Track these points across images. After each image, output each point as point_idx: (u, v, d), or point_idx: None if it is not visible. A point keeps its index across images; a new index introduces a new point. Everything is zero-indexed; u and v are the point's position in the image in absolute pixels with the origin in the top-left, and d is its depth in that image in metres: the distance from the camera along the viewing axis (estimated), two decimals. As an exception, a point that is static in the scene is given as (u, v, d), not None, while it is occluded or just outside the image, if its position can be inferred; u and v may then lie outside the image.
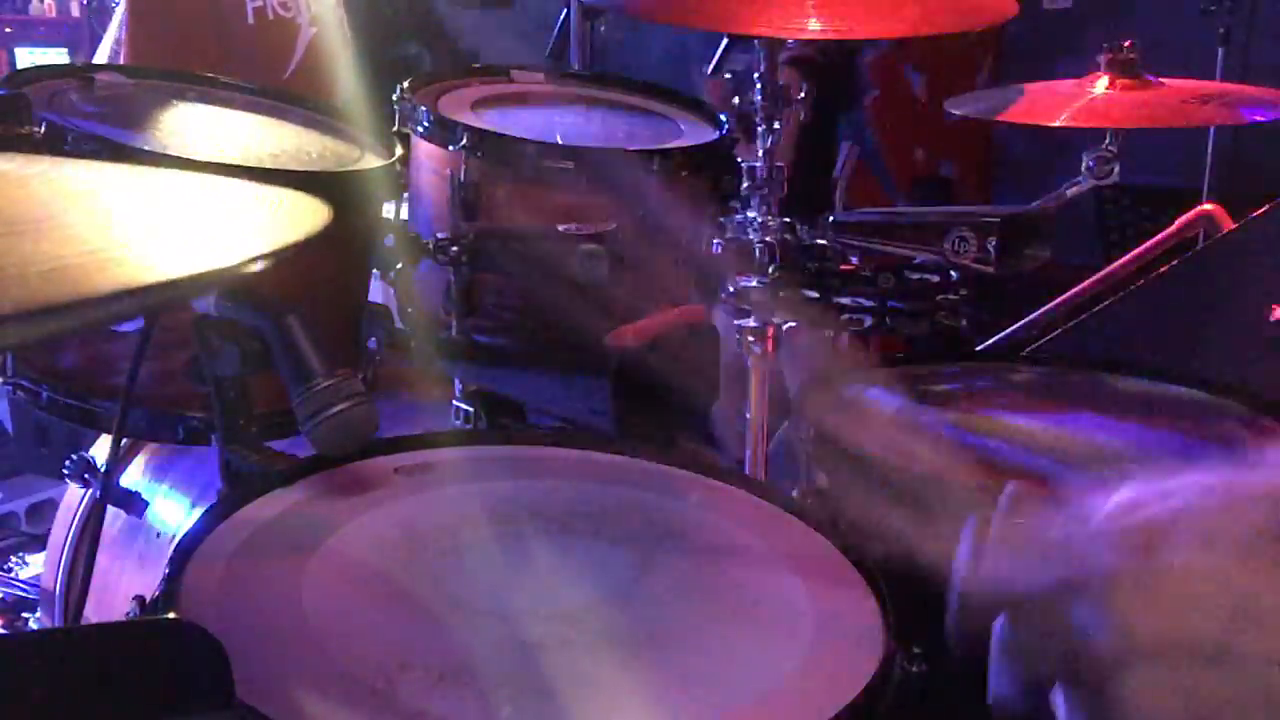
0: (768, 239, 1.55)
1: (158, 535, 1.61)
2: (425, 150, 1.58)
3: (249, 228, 0.67)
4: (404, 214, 1.64)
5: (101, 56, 2.55)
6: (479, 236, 1.50)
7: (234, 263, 0.53)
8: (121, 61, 2.33)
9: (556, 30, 2.80)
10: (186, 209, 0.72)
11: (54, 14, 4.86)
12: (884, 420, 1.53)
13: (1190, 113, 1.76)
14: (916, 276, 1.49)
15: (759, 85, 1.56)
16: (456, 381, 1.71)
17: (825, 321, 1.54)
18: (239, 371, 1.16)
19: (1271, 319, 1.75)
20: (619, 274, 1.42)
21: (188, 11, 2.37)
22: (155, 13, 2.35)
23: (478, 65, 1.84)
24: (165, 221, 0.66)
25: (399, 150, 1.52)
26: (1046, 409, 1.47)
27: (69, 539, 1.77)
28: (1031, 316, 2.10)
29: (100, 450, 1.77)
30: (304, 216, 0.67)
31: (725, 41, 1.89)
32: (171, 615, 0.86)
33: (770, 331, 1.57)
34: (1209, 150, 3.33)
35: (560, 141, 1.57)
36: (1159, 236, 2.13)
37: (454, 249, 1.48)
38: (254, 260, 0.54)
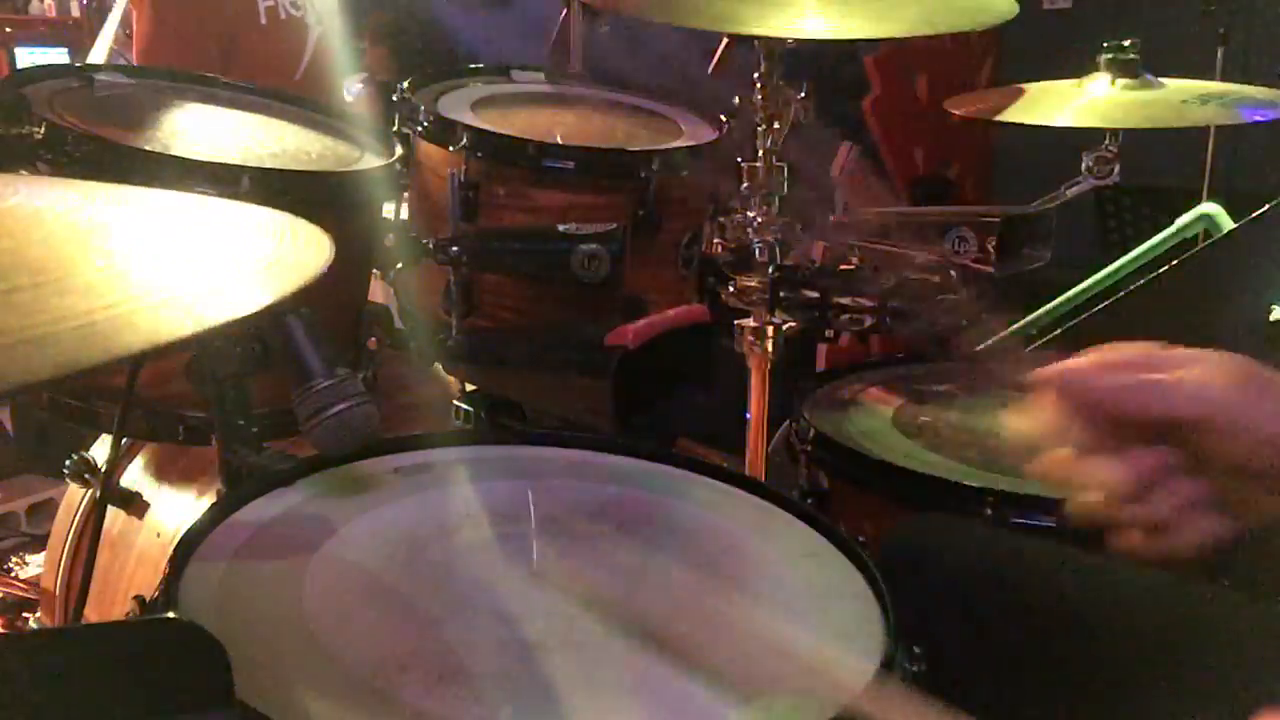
0: (768, 239, 1.55)
1: (158, 535, 1.61)
2: (425, 150, 1.58)
3: (260, 264, 0.67)
4: (404, 214, 1.64)
5: (97, 57, 2.55)
6: (479, 236, 1.49)
7: (251, 310, 0.54)
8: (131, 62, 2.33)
9: (556, 30, 2.80)
10: (197, 245, 0.72)
11: (54, 14, 4.86)
12: (884, 420, 1.53)
13: (1190, 113, 1.76)
14: (916, 276, 1.50)
15: (759, 85, 1.56)
16: (456, 381, 1.71)
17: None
18: (239, 371, 1.15)
19: (1271, 319, 1.75)
20: (619, 274, 1.42)
21: (202, 14, 2.37)
22: (170, 16, 2.35)
23: (478, 65, 1.84)
24: (180, 262, 0.66)
25: (399, 150, 1.52)
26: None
27: (69, 539, 1.77)
28: (1031, 316, 2.10)
29: (100, 450, 1.77)
30: (308, 246, 0.68)
31: (725, 41, 1.89)
32: (171, 615, 0.86)
33: (770, 331, 1.57)
34: (1209, 150, 3.33)
35: (560, 141, 1.57)
36: (1159, 236, 2.13)
37: (454, 249, 1.48)
38: (269, 307, 0.55)
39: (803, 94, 1.57)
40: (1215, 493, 0.76)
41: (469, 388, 1.70)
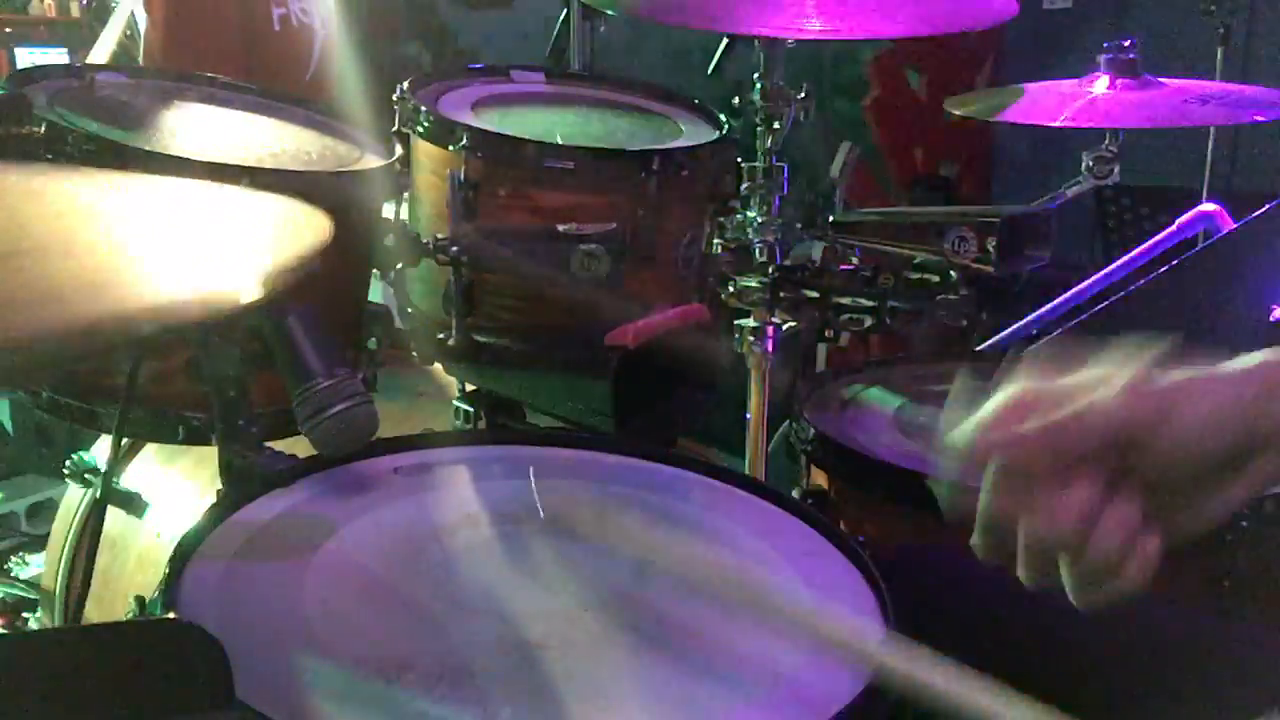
0: (768, 239, 1.55)
1: (158, 535, 1.61)
2: (425, 150, 1.58)
3: (258, 242, 0.68)
4: (404, 214, 1.64)
5: (99, 57, 2.55)
6: (479, 236, 1.49)
7: (250, 284, 0.54)
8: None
9: (556, 30, 2.80)
10: (194, 223, 0.72)
11: (54, 14, 4.86)
12: (884, 420, 1.53)
13: (1190, 113, 1.76)
14: (916, 276, 1.49)
15: (759, 85, 1.56)
16: (456, 381, 1.71)
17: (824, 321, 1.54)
18: (239, 371, 1.15)
19: (1271, 319, 1.75)
20: (619, 274, 1.42)
21: (217, 20, 2.38)
22: (186, 22, 2.36)
23: (478, 65, 1.84)
24: (176, 237, 0.66)
25: (399, 150, 1.52)
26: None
27: (69, 539, 1.77)
28: (1031, 317, 2.10)
29: (100, 450, 1.77)
30: (308, 227, 0.68)
31: (725, 41, 1.89)
32: (171, 615, 0.86)
33: (770, 331, 1.57)
34: (1209, 150, 3.33)
35: (560, 141, 1.57)
36: (1159, 236, 2.13)
37: (454, 249, 1.48)
38: (269, 280, 0.55)
39: (803, 94, 1.57)
40: (1146, 511, 0.73)
41: (469, 388, 1.70)
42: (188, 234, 0.68)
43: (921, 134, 4.14)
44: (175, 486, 1.67)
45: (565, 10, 2.75)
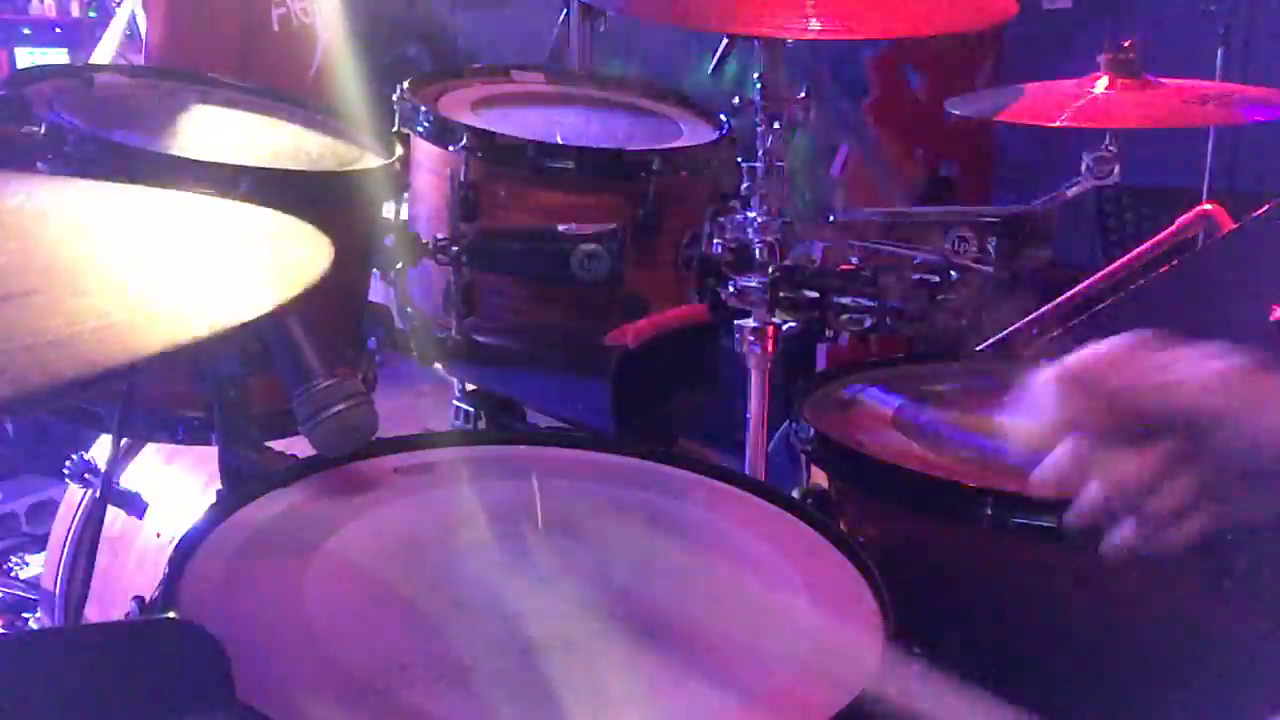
0: (768, 239, 1.55)
1: (158, 535, 1.61)
2: (425, 150, 1.58)
3: (265, 265, 0.68)
4: (404, 214, 1.64)
5: (101, 57, 2.55)
6: (479, 236, 1.49)
7: (261, 313, 0.54)
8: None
9: (556, 30, 2.80)
10: (202, 245, 0.72)
11: (54, 14, 4.86)
12: (884, 420, 1.53)
13: (1190, 113, 1.76)
14: (916, 276, 1.49)
15: (759, 85, 1.56)
16: (456, 381, 1.71)
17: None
18: (239, 371, 1.15)
19: (1271, 319, 1.75)
20: (619, 274, 1.42)
21: (216, 21, 2.38)
22: (185, 22, 2.36)
23: (478, 65, 1.84)
24: (186, 264, 0.66)
25: (399, 150, 1.52)
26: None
27: (69, 539, 1.77)
28: (1031, 316, 2.10)
29: (100, 450, 1.77)
30: (308, 246, 0.68)
31: (725, 41, 1.89)
32: (171, 615, 0.86)
33: (770, 331, 1.57)
34: (1209, 150, 3.33)
35: (560, 141, 1.57)
36: (1159, 236, 2.13)
37: (454, 249, 1.48)
38: (279, 309, 0.55)
39: (803, 94, 1.58)
40: (1207, 488, 0.79)
41: (469, 388, 1.70)
42: (203, 253, 0.68)
43: (921, 134, 4.13)
44: (175, 486, 1.67)
45: (565, 10, 2.75)
